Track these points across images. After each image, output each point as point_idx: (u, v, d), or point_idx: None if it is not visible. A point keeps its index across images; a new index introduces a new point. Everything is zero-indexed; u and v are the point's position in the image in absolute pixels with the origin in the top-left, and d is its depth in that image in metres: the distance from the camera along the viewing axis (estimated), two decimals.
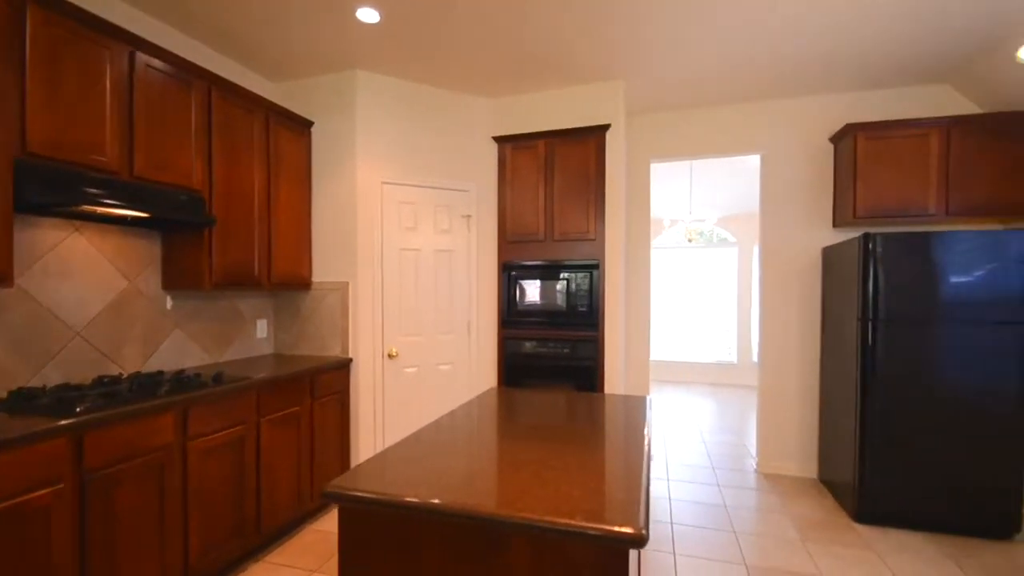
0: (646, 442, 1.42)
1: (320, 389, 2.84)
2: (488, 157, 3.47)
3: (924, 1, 2.33)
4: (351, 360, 3.09)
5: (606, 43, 2.77)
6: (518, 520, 0.97)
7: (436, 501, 1.02)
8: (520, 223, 3.37)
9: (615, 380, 3.27)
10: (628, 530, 0.92)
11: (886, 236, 2.72)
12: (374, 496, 1.06)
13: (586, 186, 3.23)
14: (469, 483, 1.12)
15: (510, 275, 3.41)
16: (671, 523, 2.91)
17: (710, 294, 7.56)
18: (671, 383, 7.49)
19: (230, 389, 2.21)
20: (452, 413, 1.76)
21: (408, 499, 1.04)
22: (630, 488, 1.09)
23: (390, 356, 3.20)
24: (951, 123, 2.84)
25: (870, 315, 2.76)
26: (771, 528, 2.84)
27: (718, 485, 3.49)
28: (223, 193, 2.52)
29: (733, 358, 7.37)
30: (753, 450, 4.22)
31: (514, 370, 3.41)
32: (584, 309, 3.27)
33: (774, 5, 2.41)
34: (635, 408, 1.83)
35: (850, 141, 3.04)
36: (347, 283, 3.11)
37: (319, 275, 3.19)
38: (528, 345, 3.39)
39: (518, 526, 0.97)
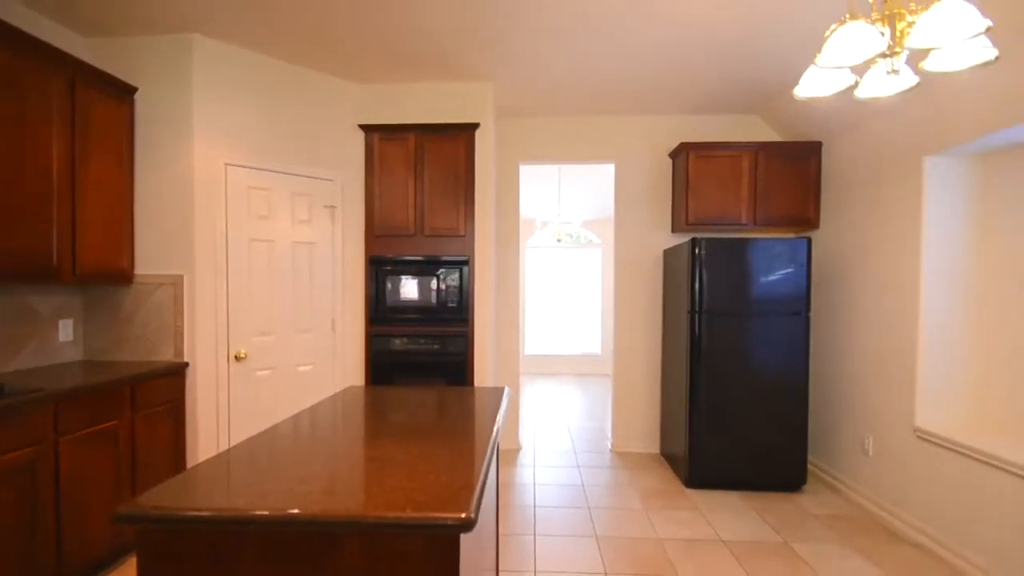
0: (494, 431, 1.47)
1: (144, 399, 2.46)
2: (354, 146, 3.32)
3: (735, 51, 2.77)
4: (187, 365, 2.74)
5: (477, 44, 2.82)
6: (345, 520, 0.94)
7: (255, 512, 0.95)
8: (389, 217, 3.28)
9: (485, 374, 3.35)
10: (453, 516, 0.94)
11: (709, 240, 3.16)
12: (175, 513, 0.95)
13: (457, 183, 3.25)
14: (298, 487, 1.06)
15: (378, 270, 3.31)
16: (534, 506, 3.07)
17: (579, 291, 8.10)
18: (544, 375, 7.88)
19: (13, 404, 1.82)
20: (297, 415, 1.66)
21: (215, 513, 0.95)
22: (469, 476, 1.12)
23: (238, 358, 2.90)
24: (758, 148, 3.40)
25: (696, 308, 3.19)
26: (620, 501, 3.14)
27: (578, 467, 3.76)
28: None
29: (598, 350, 7.99)
30: (610, 432, 4.63)
31: (383, 368, 3.31)
32: (454, 305, 3.30)
33: (624, 40, 2.66)
34: (491, 399, 1.89)
35: (684, 158, 3.49)
36: (182, 276, 2.75)
37: (145, 267, 2.76)
38: (398, 342, 3.32)
39: (347, 525, 0.95)
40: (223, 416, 2.86)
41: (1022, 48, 2.08)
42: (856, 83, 1.70)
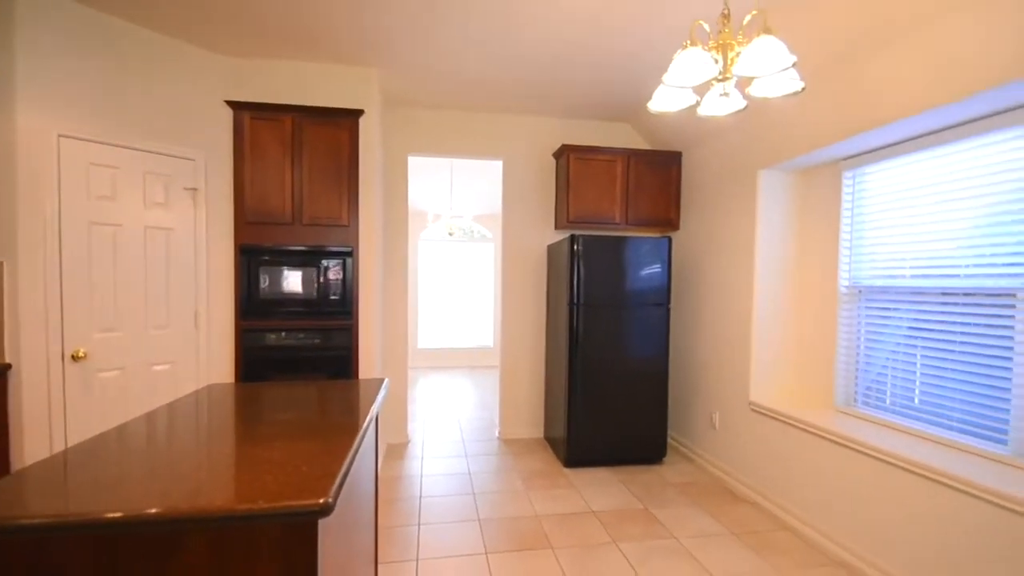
0: (366, 421, 1.47)
1: None
2: (221, 124, 3.05)
3: (604, 67, 3.00)
4: (9, 367, 2.34)
5: (359, 26, 2.74)
6: (188, 517, 0.90)
7: (79, 516, 0.88)
8: (263, 203, 3.07)
9: (372, 368, 3.29)
10: (308, 503, 0.95)
11: (586, 237, 3.41)
12: None
13: (339, 171, 3.13)
14: (140, 487, 0.99)
15: (251, 260, 3.08)
16: (420, 496, 3.09)
17: (473, 285, 8.20)
18: (439, 369, 7.87)
19: None
20: (151, 413, 1.52)
21: (39, 520, 0.86)
22: (332, 465, 1.12)
23: (76, 358, 2.54)
24: (629, 154, 3.72)
25: (575, 300, 3.42)
26: (503, 484, 3.27)
27: (466, 456, 3.84)
28: None
29: (491, 343, 8.17)
30: (498, 421, 4.77)
31: (256, 364, 3.10)
32: (337, 297, 3.18)
33: (500, 50, 2.75)
34: (367, 391, 1.88)
35: (565, 159, 3.71)
36: (1, 264, 2.34)
37: None
38: (273, 337, 3.12)
39: (191, 522, 0.91)
40: (57, 424, 2.49)
41: (821, 87, 2.53)
42: (698, 102, 1.96)
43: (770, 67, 1.60)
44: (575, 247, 3.40)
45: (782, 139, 2.84)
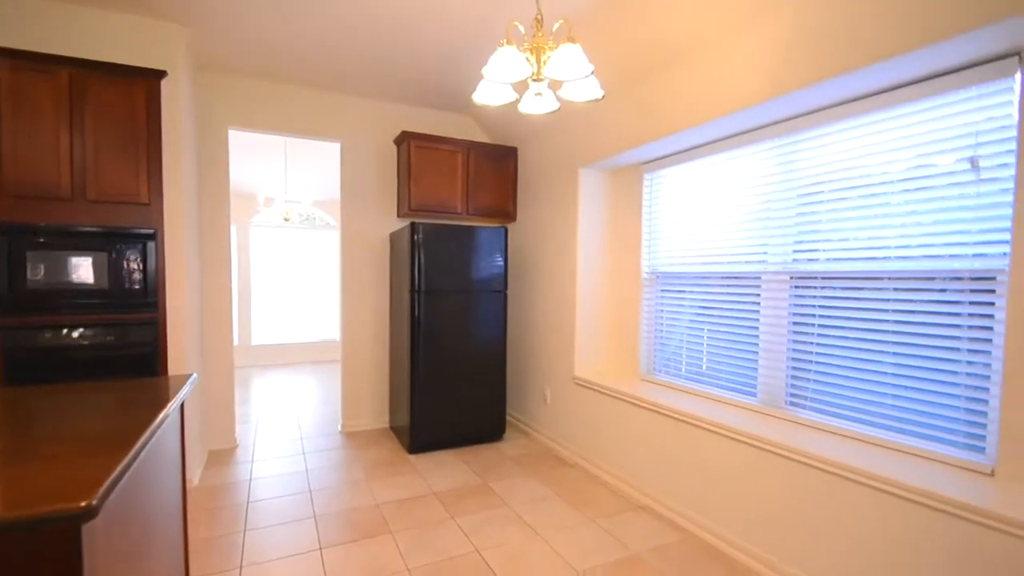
0: (156, 420, 1.33)
1: None
2: None
3: (436, 56, 3.05)
4: None
5: None
6: None
7: None
8: (31, 173, 2.50)
9: (183, 367, 2.92)
10: (66, 506, 0.84)
11: (426, 226, 3.45)
12: None
13: (136, 140, 2.68)
14: None
15: (14, 242, 2.49)
16: (248, 502, 2.85)
17: (316, 275, 7.68)
18: (279, 366, 7.24)
19: None
20: None
21: None
22: (102, 469, 1.00)
23: None
24: (470, 146, 3.85)
25: (416, 288, 3.45)
26: (343, 477, 3.18)
27: (303, 453, 3.64)
28: None
29: (337, 336, 7.76)
30: (341, 415, 4.60)
31: (25, 368, 2.53)
32: (137, 287, 2.74)
33: (330, 7, 2.63)
34: (164, 389, 1.69)
35: (407, 146, 3.69)
36: None
37: None
38: (49, 335, 2.58)
39: None
40: None
41: (624, 97, 2.92)
42: (518, 100, 2.12)
43: (574, 73, 1.80)
44: (416, 235, 3.42)
45: (596, 141, 3.21)
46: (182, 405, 1.86)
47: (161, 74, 2.73)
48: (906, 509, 1.68)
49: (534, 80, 1.93)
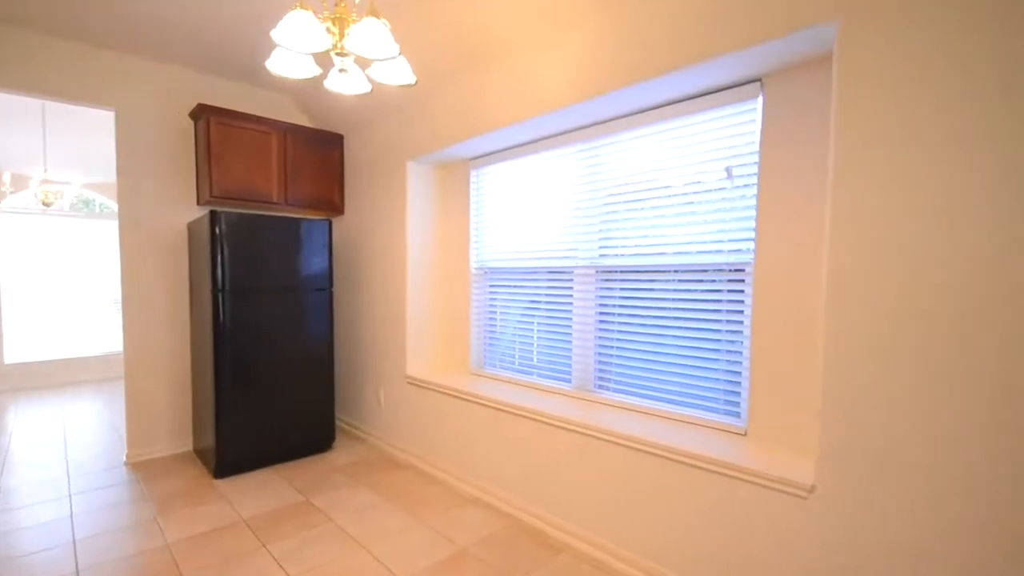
0: None
1: None
2: None
3: (234, 12, 2.67)
4: None
5: None
6: None
7: None
8: None
9: None
10: None
11: (231, 215, 3.01)
12: None
13: None
14: None
15: None
16: None
17: (101, 274, 6.30)
18: (47, 388, 5.76)
19: None
20: None
21: None
22: None
23: None
24: (287, 129, 3.46)
25: (220, 287, 2.99)
26: (124, 519, 2.62)
27: (69, 496, 2.92)
28: None
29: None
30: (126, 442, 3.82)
31: None
32: None
33: None
34: None
35: (205, 122, 3.17)
36: None
37: None
38: None
39: None
40: None
41: (448, 91, 2.88)
42: (323, 76, 1.92)
43: (379, 51, 1.68)
44: (217, 226, 2.96)
45: (423, 134, 3.12)
46: None
47: None
48: (681, 470, 1.93)
49: (337, 54, 1.76)
